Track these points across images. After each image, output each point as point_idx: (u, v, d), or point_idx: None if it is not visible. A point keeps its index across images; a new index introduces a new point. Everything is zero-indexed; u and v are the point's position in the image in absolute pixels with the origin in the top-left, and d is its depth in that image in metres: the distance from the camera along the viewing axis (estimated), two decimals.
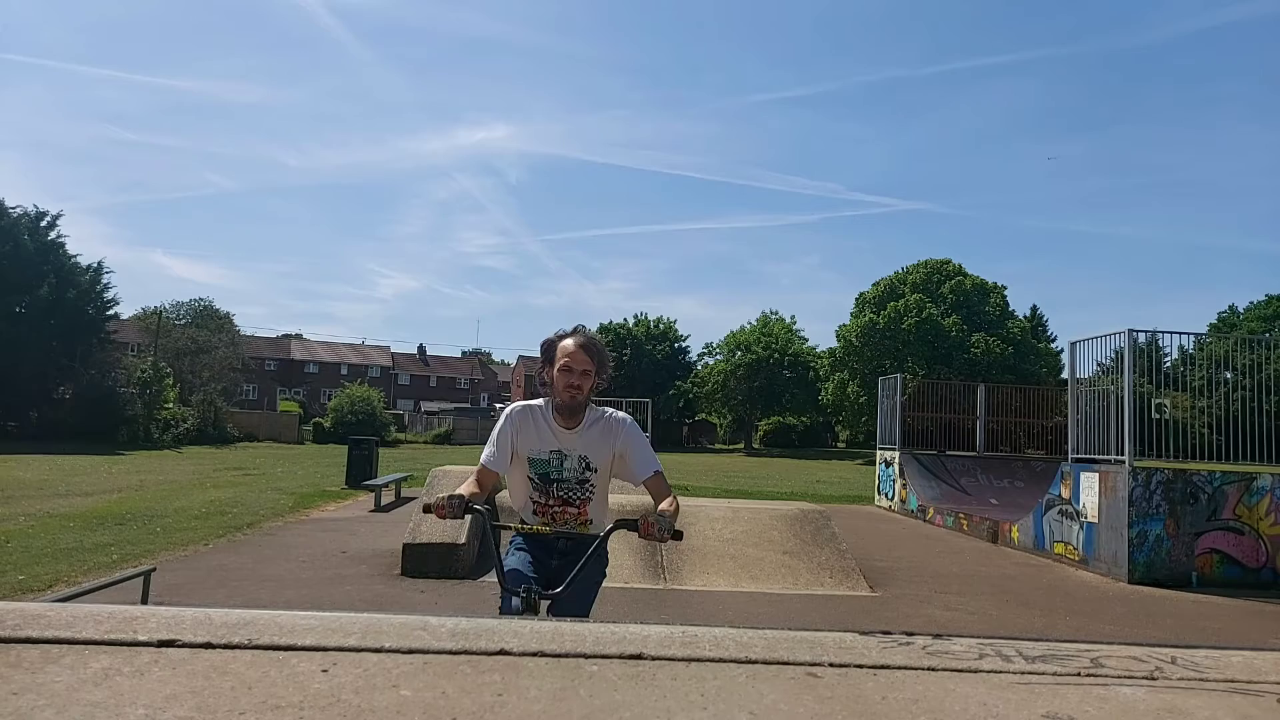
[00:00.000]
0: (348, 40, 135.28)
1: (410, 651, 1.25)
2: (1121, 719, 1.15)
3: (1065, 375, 12.17)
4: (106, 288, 36.40)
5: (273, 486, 16.24)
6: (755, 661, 1.27)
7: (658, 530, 2.67)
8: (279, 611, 1.43)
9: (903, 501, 15.63)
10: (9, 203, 33.62)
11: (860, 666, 1.28)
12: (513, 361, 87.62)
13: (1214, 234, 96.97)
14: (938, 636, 1.50)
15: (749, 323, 55.40)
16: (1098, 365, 10.75)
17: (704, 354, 56.87)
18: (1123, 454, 9.45)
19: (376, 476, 15.90)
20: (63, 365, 33.11)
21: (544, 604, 2.57)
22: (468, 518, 2.84)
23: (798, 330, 54.09)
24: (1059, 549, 10.39)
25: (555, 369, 2.97)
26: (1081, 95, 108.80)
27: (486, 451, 3.02)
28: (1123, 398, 9.60)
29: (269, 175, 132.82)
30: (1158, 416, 9.87)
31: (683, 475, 22.70)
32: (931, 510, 14.24)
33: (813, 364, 49.61)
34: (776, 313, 55.02)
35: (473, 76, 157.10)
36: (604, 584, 3.04)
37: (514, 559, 2.91)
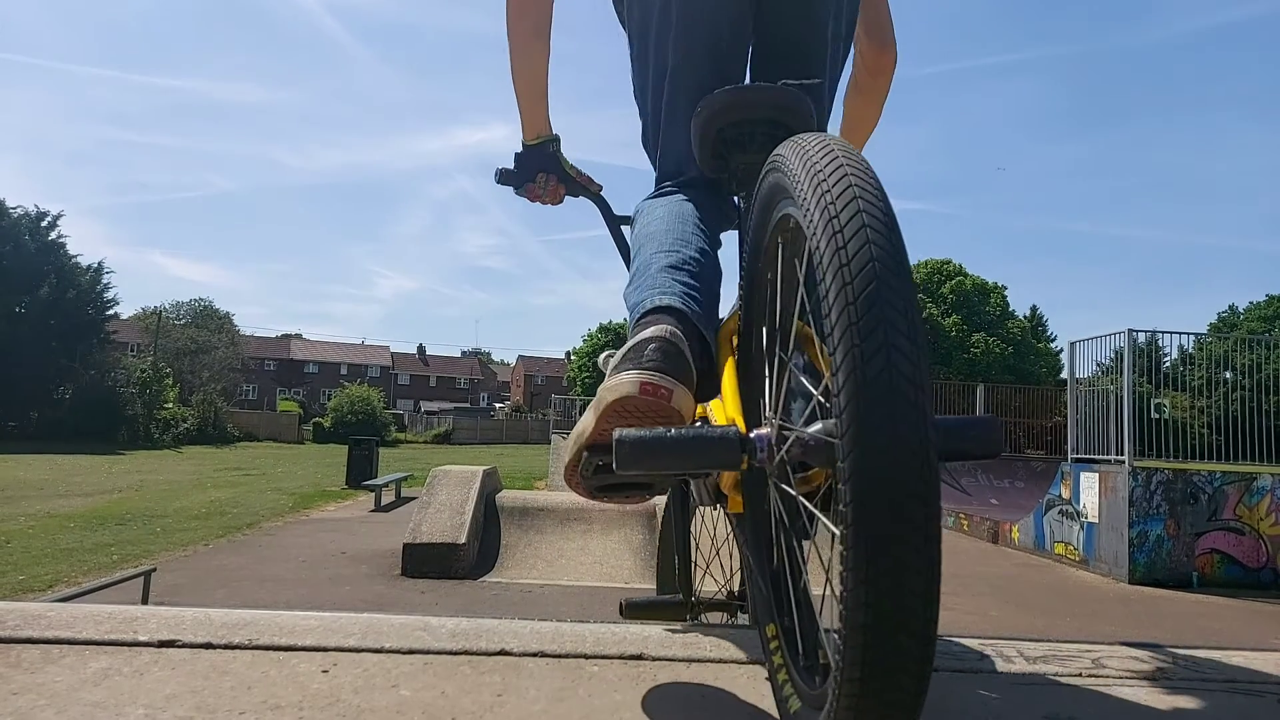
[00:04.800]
0: (347, 40, 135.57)
1: (410, 652, 1.25)
2: None
3: (1065, 375, 12.17)
4: (106, 288, 36.47)
5: (272, 487, 16.24)
6: (757, 663, 1.27)
7: None
8: (279, 612, 1.43)
9: None
10: (9, 203, 33.71)
11: None
12: (512, 361, 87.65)
13: (1214, 234, 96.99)
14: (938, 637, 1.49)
15: None
16: (1097, 365, 10.76)
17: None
18: (1123, 454, 9.44)
19: (376, 476, 15.89)
20: (63, 365, 33.12)
21: None
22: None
23: None
24: (1059, 549, 10.39)
25: None
26: (1082, 95, 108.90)
27: None
28: (1122, 398, 9.60)
29: (268, 175, 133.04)
30: (1157, 416, 9.87)
31: None
32: None
33: None
34: None
35: (472, 76, 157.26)
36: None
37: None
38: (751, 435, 0.95)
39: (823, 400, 0.93)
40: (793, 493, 0.94)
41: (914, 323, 0.73)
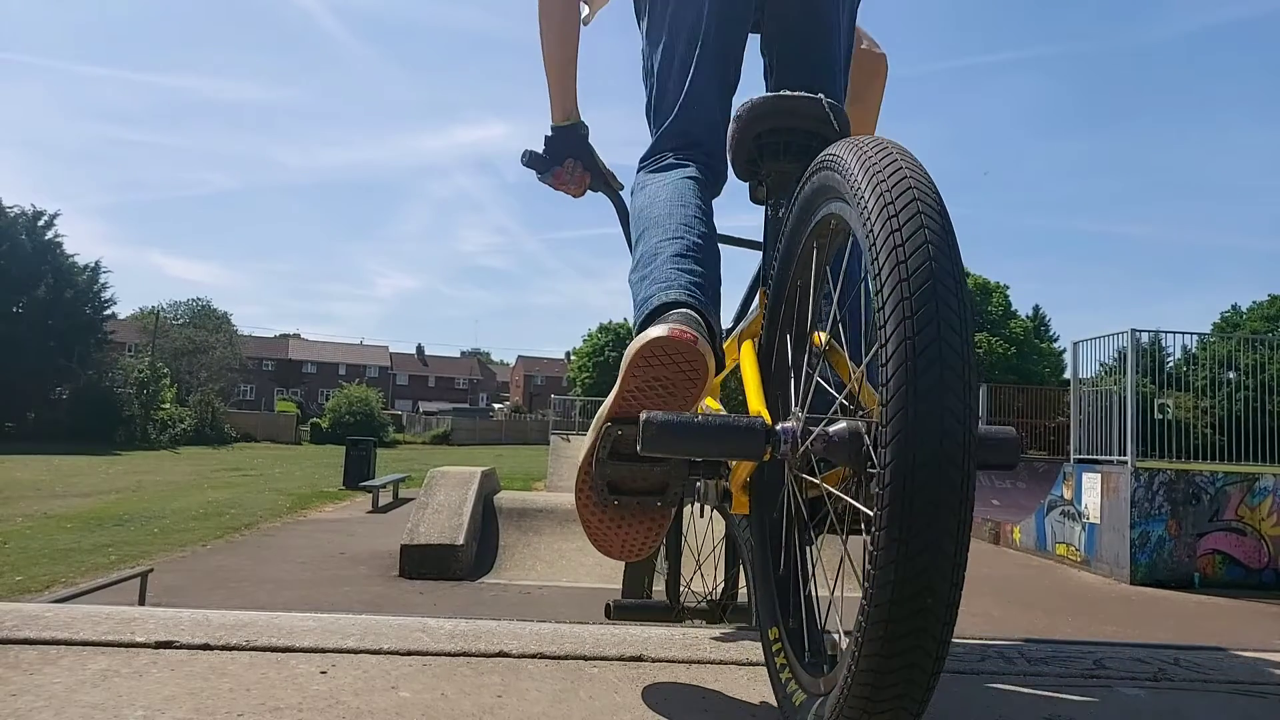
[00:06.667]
0: (346, 38, 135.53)
1: (409, 653, 1.24)
2: None
3: (1068, 375, 12.18)
4: (104, 287, 36.47)
5: (270, 487, 16.24)
6: (757, 664, 1.26)
7: None
8: (277, 613, 1.42)
9: None
10: (6, 202, 33.76)
11: None
12: (512, 362, 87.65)
13: (1217, 233, 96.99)
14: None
15: None
16: (1100, 365, 10.76)
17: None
18: (1125, 454, 9.44)
19: (374, 477, 15.87)
20: (60, 365, 33.12)
21: None
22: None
23: None
24: (1061, 550, 10.38)
25: None
26: (1085, 93, 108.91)
27: None
28: (1125, 398, 9.60)
29: (267, 174, 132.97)
30: (1160, 417, 9.87)
31: None
32: None
33: None
34: None
35: (471, 74, 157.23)
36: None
37: None
38: (777, 428, 0.96)
39: (846, 403, 0.95)
40: (815, 480, 0.95)
41: (967, 322, 0.75)
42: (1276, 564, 9.27)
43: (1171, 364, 12.21)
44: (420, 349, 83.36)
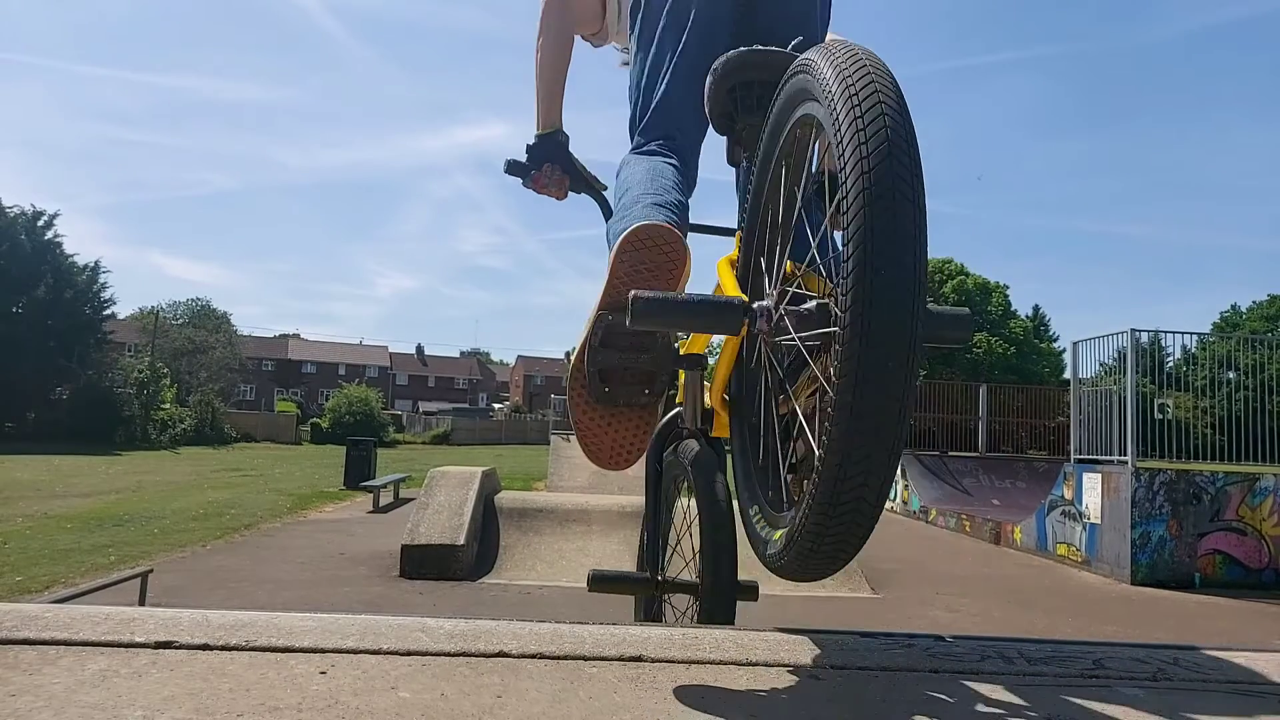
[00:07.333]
0: (345, 38, 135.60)
1: (409, 653, 1.24)
2: None
3: (1068, 375, 12.17)
4: (104, 287, 36.49)
5: (270, 487, 16.24)
6: (756, 664, 1.26)
7: None
8: (277, 613, 1.42)
9: (905, 503, 15.61)
10: (6, 202, 33.77)
11: (862, 669, 1.27)
12: (512, 362, 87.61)
13: (1217, 233, 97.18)
14: (940, 638, 1.49)
15: None
16: (1100, 365, 10.76)
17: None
18: (1125, 454, 9.44)
19: (374, 477, 15.86)
20: (60, 365, 33.12)
21: None
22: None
23: None
24: (1061, 550, 10.38)
25: None
26: (1085, 93, 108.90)
27: None
28: (1125, 398, 9.60)
29: (267, 174, 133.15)
30: (1160, 417, 9.87)
31: None
32: (934, 511, 14.23)
33: None
34: None
35: (471, 74, 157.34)
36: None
37: None
38: (753, 305, 1.07)
39: (800, 292, 1.08)
40: (791, 338, 1.05)
41: (918, 176, 0.85)
42: (1277, 564, 9.27)
43: (1171, 364, 12.21)
44: (420, 349, 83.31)
